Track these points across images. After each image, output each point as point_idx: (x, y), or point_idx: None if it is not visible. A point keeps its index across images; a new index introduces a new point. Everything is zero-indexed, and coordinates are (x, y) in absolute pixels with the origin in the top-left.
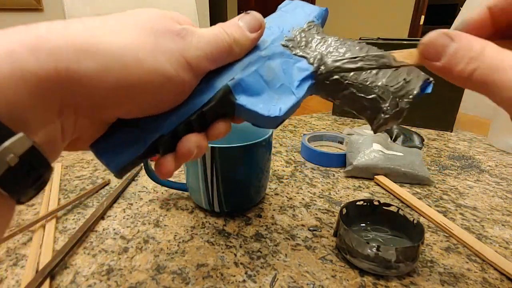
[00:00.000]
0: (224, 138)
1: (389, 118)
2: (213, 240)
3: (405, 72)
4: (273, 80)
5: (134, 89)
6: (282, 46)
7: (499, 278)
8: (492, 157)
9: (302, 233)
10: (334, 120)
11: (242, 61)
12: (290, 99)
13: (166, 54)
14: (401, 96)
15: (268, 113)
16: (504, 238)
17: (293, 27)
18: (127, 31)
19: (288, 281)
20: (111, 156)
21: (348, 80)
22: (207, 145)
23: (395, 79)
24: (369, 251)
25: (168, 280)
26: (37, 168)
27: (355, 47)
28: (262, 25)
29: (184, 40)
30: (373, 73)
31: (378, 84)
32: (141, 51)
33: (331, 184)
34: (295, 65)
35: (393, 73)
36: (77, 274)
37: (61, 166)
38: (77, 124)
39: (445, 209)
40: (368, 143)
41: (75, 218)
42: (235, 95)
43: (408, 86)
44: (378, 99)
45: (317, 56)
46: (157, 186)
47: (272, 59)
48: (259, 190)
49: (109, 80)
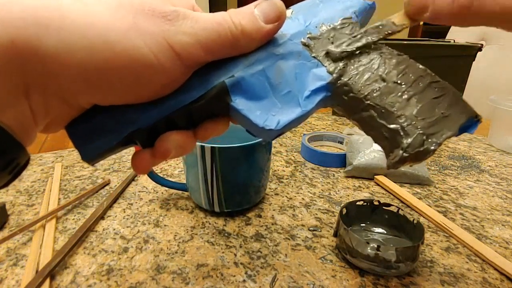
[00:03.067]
0: (224, 138)
1: (408, 158)
2: (213, 240)
3: (446, 102)
4: (280, 84)
5: (103, 73)
6: (302, 44)
7: (499, 278)
8: (492, 157)
9: (302, 233)
10: (334, 120)
11: (249, 56)
12: (294, 112)
13: (145, 36)
14: (430, 134)
15: (263, 123)
16: (504, 238)
17: (323, 22)
18: (101, 7)
19: (288, 281)
20: (84, 142)
21: (371, 100)
22: (193, 145)
23: (430, 110)
24: (369, 251)
25: (168, 280)
26: (7, 151)
27: (391, 60)
28: (282, 16)
29: (172, 23)
30: (405, 97)
31: (405, 113)
32: (113, 30)
33: (331, 184)
34: (312, 71)
35: (431, 101)
36: (77, 274)
37: (61, 166)
38: (49, 106)
39: (445, 209)
40: (368, 143)
41: (75, 218)
42: (231, 96)
43: (444, 123)
44: (399, 132)
45: (339, 64)
46: (157, 186)
47: (286, 59)
48: (259, 190)
49: (74, 60)
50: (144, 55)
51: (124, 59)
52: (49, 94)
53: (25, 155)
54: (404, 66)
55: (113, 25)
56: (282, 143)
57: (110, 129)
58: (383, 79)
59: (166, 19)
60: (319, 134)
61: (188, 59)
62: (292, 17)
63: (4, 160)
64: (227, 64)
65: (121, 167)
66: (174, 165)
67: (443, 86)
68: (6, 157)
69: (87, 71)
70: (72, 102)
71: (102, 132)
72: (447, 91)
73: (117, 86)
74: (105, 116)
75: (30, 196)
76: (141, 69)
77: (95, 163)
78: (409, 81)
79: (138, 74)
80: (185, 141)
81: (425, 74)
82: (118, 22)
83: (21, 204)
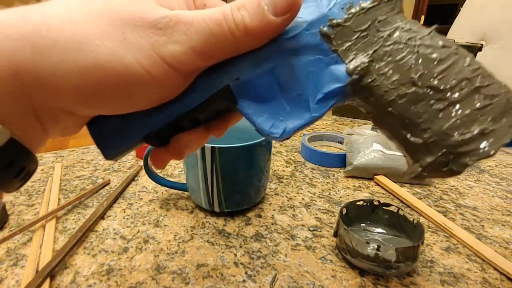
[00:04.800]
0: (224, 138)
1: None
2: (213, 240)
3: (492, 114)
4: (290, 85)
5: (98, 93)
6: (321, 35)
7: (499, 278)
8: (492, 157)
9: (302, 233)
10: (334, 120)
11: (256, 52)
12: (302, 118)
13: (135, 52)
14: (460, 154)
15: (269, 130)
16: (504, 238)
17: (353, 1)
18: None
19: (288, 281)
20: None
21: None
22: (206, 139)
23: (467, 125)
24: (369, 251)
25: (168, 280)
26: (19, 160)
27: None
28: (296, 6)
29: (162, 32)
30: (437, 107)
31: (433, 127)
32: (103, 50)
33: (331, 184)
34: (329, 68)
35: (472, 113)
36: (77, 274)
37: (61, 166)
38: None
39: (445, 209)
40: (368, 143)
41: (75, 218)
42: (237, 99)
43: (482, 139)
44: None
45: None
46: (157, 186)
47: (299, 55)
48: (259, 190)
49: (68, 84)
50: (136, 71)
51: (115, 78)
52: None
53: (34, 162)
54: (446, 65)
55: (102, 46)
56: (282, 143)
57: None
58: (414, 83)
59: (156, 29)
60: (319, 134)
61: (184, 68)
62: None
63: (16, 169)
64: (231, 64)
65: (121, 167)
66: (174, 165)
67: (494, 93)
68: (18, 165)
69: (82, 91)
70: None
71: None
72: (498, 99)
73: (113, 102)
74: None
75: (30, 196)
76: (134, 86)
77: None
78: (448, 85)
79: (132, 90)
80: (198, 139)
81: (473, 76)
82: (108, 41)
83: (21, 204)
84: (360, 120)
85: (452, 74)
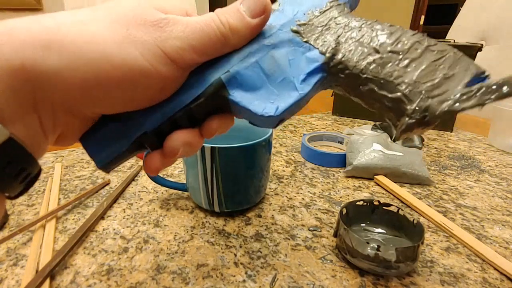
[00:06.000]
0: (224, 138)
1: (414, 124)
2: (213, 240)
3: (447, 64)
4: (275, 73)
5: (105, 85)
6: (293, 32)
7: (499, 278)
8: (492, 157)
9: (302, 233)
10: (334, 120)
11: (241, 50)
12: (291, 97)
13: (138, 46)
14: (435, 96)
15: (262, 111)
16: (504, 238)
17: (311, 9)
18: (96, 24)
19: (288, 281)
20: (97, 150)
21: (367, 74)
22: (200, 143)
23: (431, 74)
24: (369, 251)
25: (168, 280)
26: (18, 161)
27: (383, 31)
28: (267, 9)
29: (163, 30)
30: (402, 65)
31: (405, 80)
32: (109, 44)
33: (331, 184)
34: (305, 55)
35: (431, 64)
36: (77, 274)
37: (61, 166)
38: (58, 119)
39: (445, 209)
40: (368, 143)
41: (75, 218)
42: (229, 90)
43: (447, 83)
44: (402, 99)
45: (331, 43)
46: (157, 186)
47: (278, 48)
48: (259, 190)
49: (77, 77)
50: (140, 63)
51: (122, 70)
52: (56, 107)
53: (36, 165)
54: (397, 35)
55: (109, 40)
56: (282, 143)
57: (119, 135)
58: (377, 51)
59: (157, 27)
60: (319, 134)
61: (182, 62)
62: (279, 9)
63: (15, 170)
64: (221, 60)
65: (121, 167)
66: (174, 165)
67: (442, 48)
68: (17, 166)
69: (89, 84)
70: (78, 114)
71: (111, 139)
72: (447, 52)
73: (119, 95)
74: (113, 125)
75: (30, 196)
76: (139, 77)
77: (110, 170)
78: (404, 48)
79: (136, 82)
80: (191, 139)
81: (421, 39)
82: (114, 36)
83: (21, 204)
84: (360, 120)
85: (404, 40)
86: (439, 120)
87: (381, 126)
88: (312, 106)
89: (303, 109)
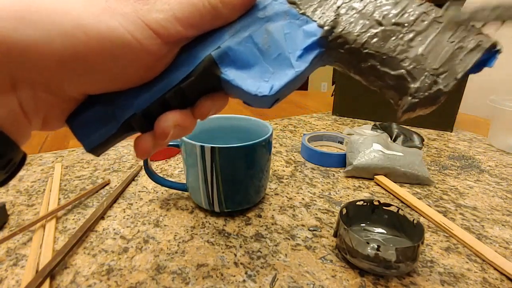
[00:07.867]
0: (224, 138)
1: (418, 104)
2: (213, 240)
3: (460, 35)
4: (269, 48)
5: (82, 58)
6: (289, 3)
7: (499, 278)
8: (492, 157)
9: (302, 233)
10: (334, 120)
11: (233, 24)
12: (287, 74)
13: (118, 17)
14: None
15: (256, 91)
16: (504, 238)
17: None
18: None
19: (288, 281)
20: (85, 133)
21: (369, 48)
22: (193, 124)
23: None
24: (369, 251)
25: (168, 280)
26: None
27: (388, 1)
28: None
29: (145, 2)
30: (407, 39)
31: (409, 55)
32: (87, 15)
33: (331, 184)
34: (302, 28)
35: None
36: (77, 274)
37: (61, 166)
38: (39, 99)
39: (445, 209)
40: (368, 143)
41: (75, 218)
42: (221, 68)
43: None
44: (405, 77)
45: (330, 15)
46: (157, 186)
47: (273, 21)
48: (259, 190)
49: (53, 49)
50: (120, 35)
51: (100, 41)
52: (36, 86)
53: (18, 152)
54: (403, 5)
55: (86, 11)
56: (282, 143)
57: (107, 117)
58: (380, 23)
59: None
60: (319, 134)
61: (168, 36)
62: None
63: None
64: (212, 36)
65: (121, 167)
66: (174, 165)
67: None
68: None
69: (66, 57)
70: (60, 93)
71: (99, 121)
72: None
73: (100, 70)
74: (100, 106)
75: (30, 196)
76: (120, 50)
77: (100, 154)
78: (409, 20)
79: (118, 56)
80: (183, 120)
81: (428, 10)
82: (91, 8)
83: (21, 204)
84: (360, 120)
85: (410, 11)
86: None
87: (381, 126)
88: (312, 106)
89: (303, 109)
